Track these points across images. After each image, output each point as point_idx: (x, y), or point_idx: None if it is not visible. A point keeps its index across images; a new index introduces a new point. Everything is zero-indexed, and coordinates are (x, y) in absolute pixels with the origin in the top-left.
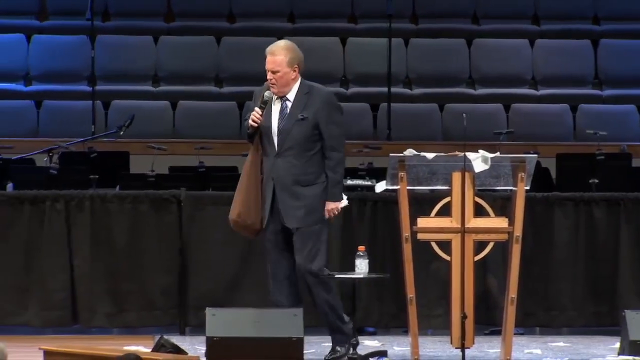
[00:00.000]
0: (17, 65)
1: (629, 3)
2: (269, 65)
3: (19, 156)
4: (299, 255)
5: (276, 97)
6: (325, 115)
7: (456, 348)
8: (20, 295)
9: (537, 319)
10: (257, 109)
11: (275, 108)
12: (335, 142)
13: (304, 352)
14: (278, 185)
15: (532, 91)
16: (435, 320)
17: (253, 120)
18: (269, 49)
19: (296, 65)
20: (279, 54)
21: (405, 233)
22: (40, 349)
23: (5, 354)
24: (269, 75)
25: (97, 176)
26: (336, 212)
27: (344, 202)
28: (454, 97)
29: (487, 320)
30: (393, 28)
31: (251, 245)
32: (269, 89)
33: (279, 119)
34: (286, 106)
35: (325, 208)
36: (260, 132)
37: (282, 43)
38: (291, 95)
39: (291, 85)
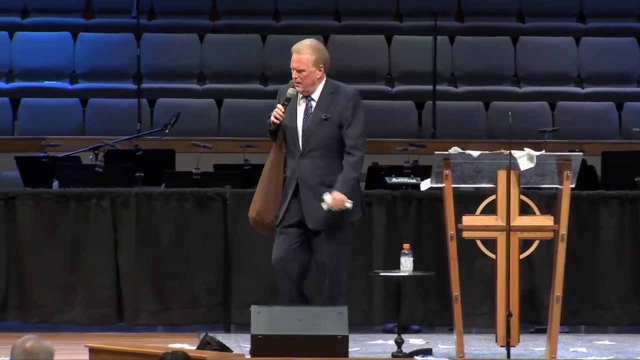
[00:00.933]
0: (64, 64)
1: None
2: (294, 63)
3: (65, 154)
4: (321, 260)
5: (301, 96)
6: (350, 115)
7: (501, 346)
8: (67, 293)
9: (583, 317)
10: (279, 105)
11: (301, 108)
12: (358, 141)
13: (349, 350)
14: (302, 185)
15: (577, 89)
16: (480, 319)
17: (275, 117)
18: (295, 47)
19: (322, 65)
20: (305, 53)
21: (450, 231)
22: (85, 346)
23: (52, 353)
24: (294, 74)
25: (142, 174)
26: (341, 206)
27: (349, 203)
28: (499, 95)
29: (532, 319)
30: (438, 26)
31: None
32: (293, 87)
33: (303, 119)
34: (311, 106)
35: (332, 196)
36: (285, 132)
37: (308, 42)
38: (316, 95)
39: (316, 85)
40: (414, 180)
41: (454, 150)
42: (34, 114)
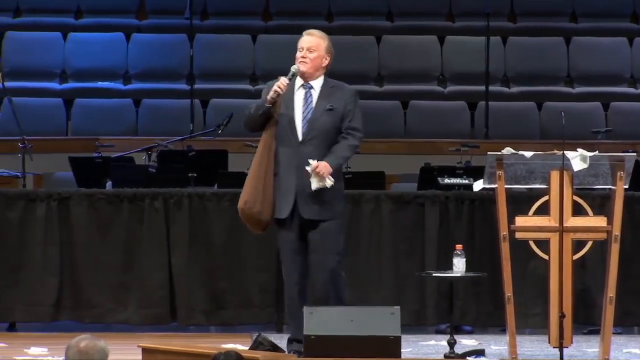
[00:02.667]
0: (117, 64)
1: None
2: (305, 43)
3: (118, 154)
4: (317, 250)
5: (298, 85)
6: (352, 109)
7: (554, 347)
8: (120, 293)
9: (636, 319)
10: (283, 78)
11: (298, 96)
12: (359, 131)
13: (401, 350)
14: (301, 174)
15: (630, 90)
16: (532, 319)
17: (279, 87)
18: (308, 31)
19: (329, 55)
20: (319, 37)
21: (503, 232)
22: (138, 346)
23: (106, 353)
24: (303, 53)
25: (195, 174)
26: (324, 173)
27: (330, 180)
28: (552, 96)
29: (586, 320)
30: (491, 26)
31: (346, 242)
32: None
33: (303, 107)
34: (310, 95)
35: (319, 162)
36: (277, 119)
37: (320, 31)
38: (316, 85)
39: (318, 74)
40: (467, 181)
41: (507, 150)
42: (87, 114)
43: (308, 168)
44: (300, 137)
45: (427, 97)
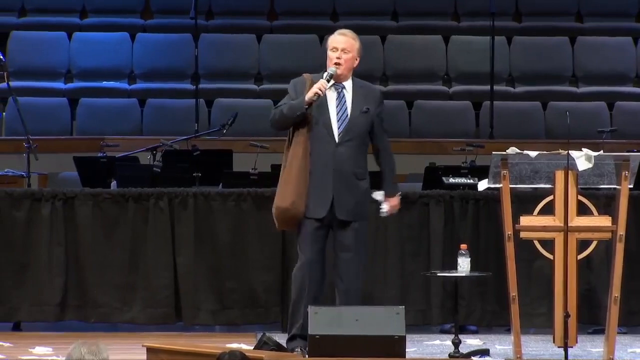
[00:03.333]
0: (121, 64)
1: None
2: (340, 44)
3: (123, 154)
4: (349, 249)
5: (329, 85)
6: (380, 111)
7: (559, 347)
8: (125, 293)
9: None
10: (323, 81)
11: (331, 97)
12: (387, 134)
13: (406, 350)
14: (338, 175)
15: (636, 89)
16: (537, 319)
17: (320, 90)
18: (340, 31)
19: (359, 56)
20: (352, 38)
21: (508, 231)
22: (143, 346)
23: (106, 356)
24: (338, 54)
25: (200, 174)
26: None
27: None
28: (557, 95)
29: (590, 319)
30: (496, 26)
31: None
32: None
33: (337, 108)
34: (344, 96)
35: (390, 204)
36: (309, 121)
37: (352, 32)
38: (348, 86)
39: (349, 75)
40: (472, 181)
41: (512, 150)
42: (92, 114)
43: (384, 209)
44: (337, 139)
45: (432, 96)
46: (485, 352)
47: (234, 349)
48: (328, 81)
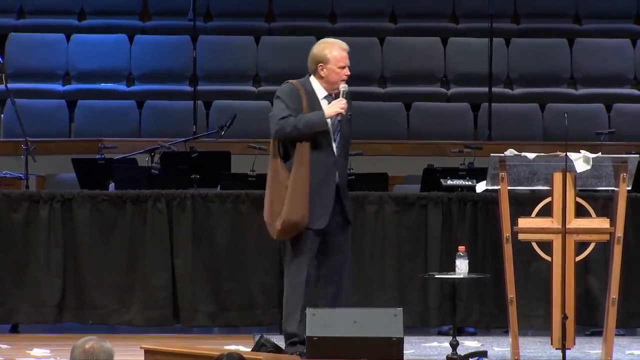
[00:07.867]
0: (120, 66)
1: None
2: (348, 60)
3: (121, 156)
4: (344, 251)
5: (323, 95)
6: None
7: (557, 349)
8: (123, 295)
9: (639, 320)
10: (343, 100)
11: (325, 107)
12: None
13: (404, 352)
14: (338, 186)
15: (634, 91)
16: (535, 321)
17: (342, 109)
18: (344, 45)
19: None
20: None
21: (506, 233)
22: (140, 348)
23: (112, 354)
24: (346, 71)
25: (198, 176)
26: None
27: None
28: (555, 97)
29: (588, 321)
30: (494, 28)
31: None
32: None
33: (332, 119)
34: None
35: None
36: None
37: None
38: (336, 95)
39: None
40: (470, 182)
41: (510, 152)
42: (91, 116)
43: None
44: (335, 151)
45: (430, 98)
46: (483, 354)
47: (232, 351)
48: (345, 98)
